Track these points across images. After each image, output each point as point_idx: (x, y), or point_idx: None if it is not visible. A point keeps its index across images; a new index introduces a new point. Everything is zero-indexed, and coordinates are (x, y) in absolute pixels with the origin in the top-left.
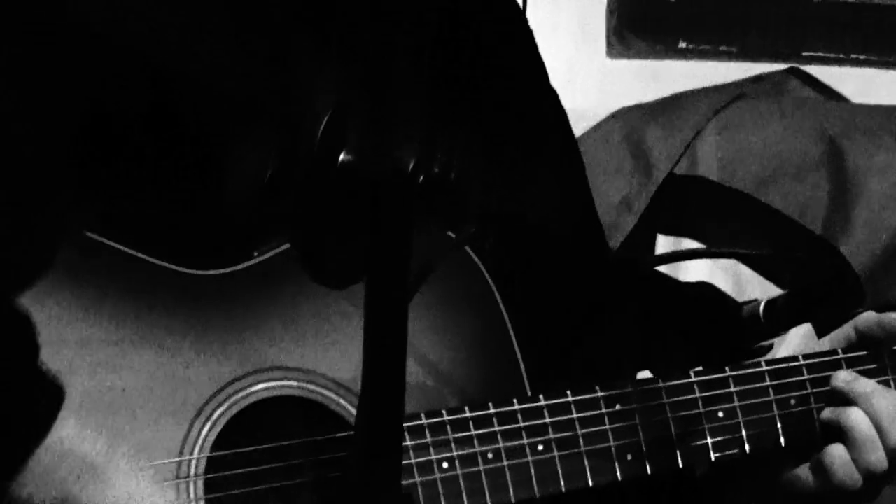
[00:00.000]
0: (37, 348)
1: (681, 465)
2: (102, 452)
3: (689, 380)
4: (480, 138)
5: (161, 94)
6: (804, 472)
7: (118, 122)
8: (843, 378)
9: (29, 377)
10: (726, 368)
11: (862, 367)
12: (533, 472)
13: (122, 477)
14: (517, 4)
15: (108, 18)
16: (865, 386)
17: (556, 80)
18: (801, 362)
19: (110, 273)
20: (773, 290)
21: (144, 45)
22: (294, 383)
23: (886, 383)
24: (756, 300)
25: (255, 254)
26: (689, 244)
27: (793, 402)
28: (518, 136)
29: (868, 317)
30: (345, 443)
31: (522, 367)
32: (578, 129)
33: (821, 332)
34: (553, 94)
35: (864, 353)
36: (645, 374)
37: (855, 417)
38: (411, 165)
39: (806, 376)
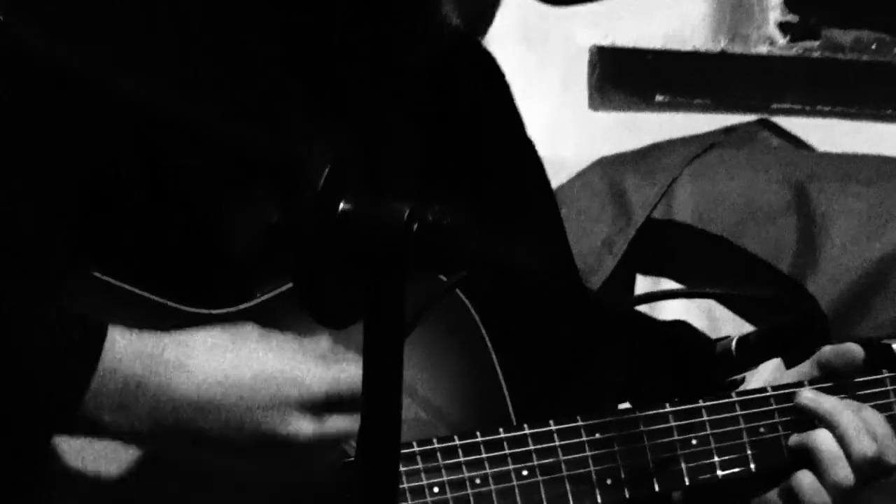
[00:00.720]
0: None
1: (657, 490)
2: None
3: (665, 410)
4: (469, 193)
5: (157, 152)
6: (774, 497)
7: (117, 180)
8: (807, 396)
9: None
10: (699, 400)
11: None
12: (518, 496)
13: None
14: (501, 71)
15: (101, 79)
16: (829, 402)
17: (541, 131)
18: (770, 393)
19: (116, 309)
20: (746, 327)
21: (138, 103)
22: None
23: None
24: (729, 337)
25: (258, 294)
26: (667, 284)
27: (762, 430)
28: (501, 192)
29: (826, 349)
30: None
31: (508, 399)
32: (563, 176)
33: (789, 364)
34: (532, 147)
35: (830, 384)
36: (625, 406)
37: (820, 438)
38: (406, 214)
39: (774, 406)
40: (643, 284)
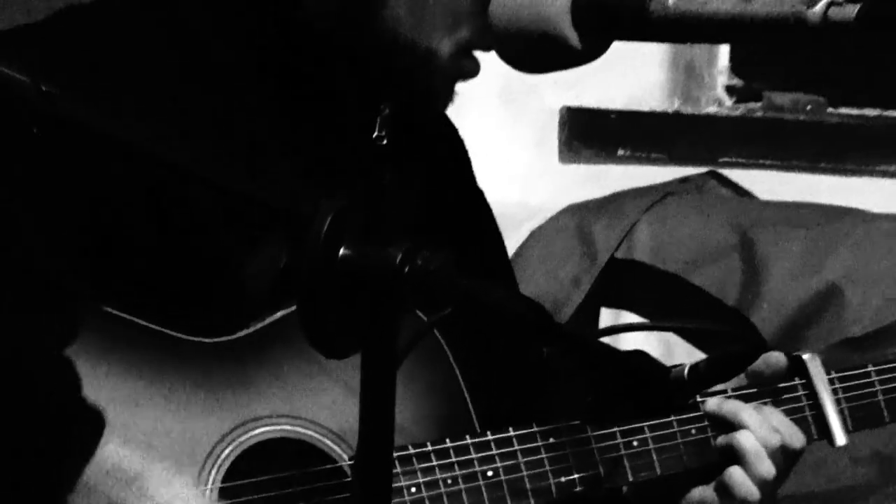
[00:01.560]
0: (79, 382)
1: (605, 486)
2: (139, 467)
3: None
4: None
5: (180, 205)
6: (709, 492)
7: (136, 224)
8: (711, 403)
9: (73, 405)
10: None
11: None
12: (485, 493)
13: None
14: (458, 132)
15: (125, 141)
16: (728, 404)
17: (517, 180)
18: (699, 399)
19: (126, 341)
20: (697, 355)
21: (159, 161)
22: (287, 427)
23: None
24: (682, 365)
25: (250, 324)
26: (628, 317)
27: (693, 431)
28: (461, 236)
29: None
30: (332, 474)
31: (473, 413)
32: (536, 221)
33: None
34: (483, 197)
35: (753, 390)
36: None
37: (743, 437)
38: (398, 259)
39: (703, 411)
40: (607, 317)
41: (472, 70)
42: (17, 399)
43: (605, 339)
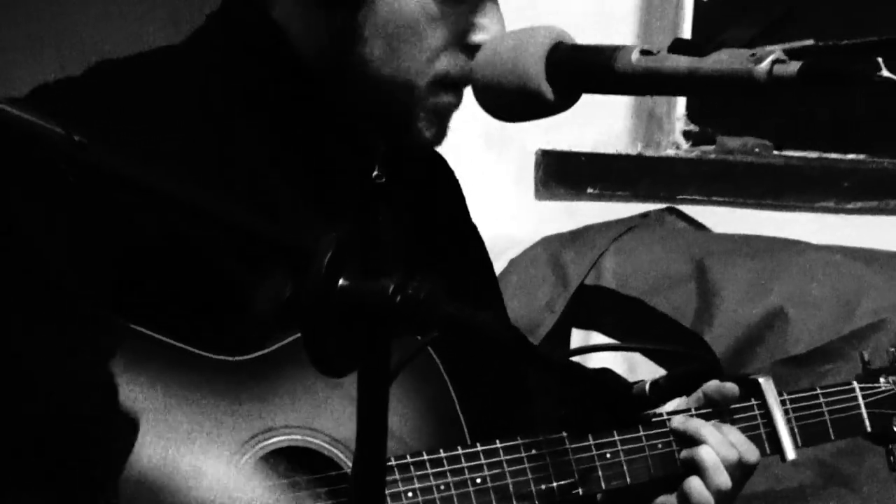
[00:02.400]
0: (116, 391)
1: (581, 493)
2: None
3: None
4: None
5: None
6: (672, 499)
7: (152, 262)
8: (676, 421)
9: (111, 412)
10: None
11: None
12: (474, 499)
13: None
14: (453, 172)
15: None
16: (692, 423)
17: (497, 215)
18: (665, 417)
19: (156, 356)
20: (659, 371)
21: (180, 204)
22: (298, 437)
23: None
24: (644, 381)
25: (268, 345)
26: (596, 337)
27: (660, 445)
28: (454, 267)
29: (713, 384)
30: (338, 479)
31: (464, 425)
32: (514, 251)
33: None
34: (476, 231)
35: (710, 410)
36: (562, 435)
37: (704, 452)
38: (391, 289)
39: (669, 427)
40: (577, 337)
41: (451, 102)
42: (61, 408)
43: (576, 358)
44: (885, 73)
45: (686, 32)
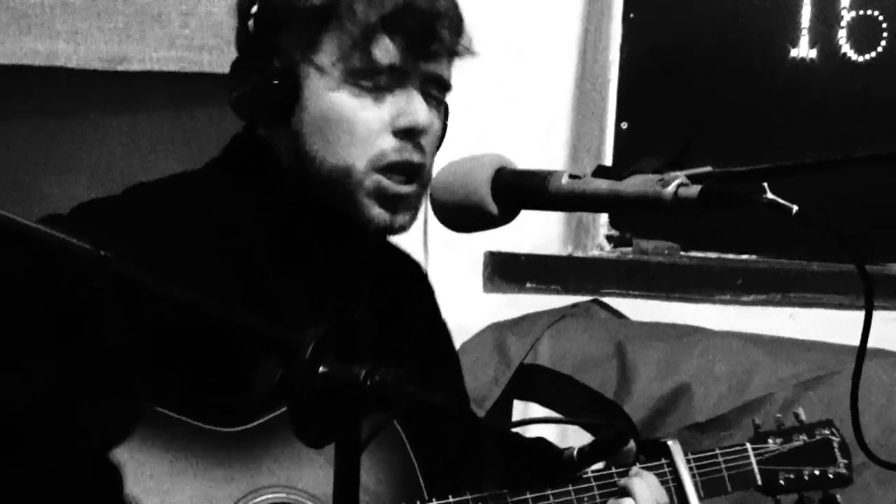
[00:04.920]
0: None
1: None
2: None
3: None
4: (404, 356)
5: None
6: None
7: (166, 354)
8: (621, 481)
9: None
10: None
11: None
12: None
13: None
14: (426, 275)
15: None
16: (628, 480)
17: (452, 306)
18: (590, 475)
19: (167, 429)
20: (586, 437)
21: (187, 306)
22: (283, 494)
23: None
24: (572, 447)
25: (256, 419)
26: (534, 408)
27: (585, 499)
28: (424, 356)
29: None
30: None
31: (423, 484)
32: (465, 335)
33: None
34: (445, 327)
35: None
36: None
37: (626, 502)
38: (363, 374)
39: (594, 483)
40: (518, 408)
41: (391, 185)
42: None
43: (516, 429)
44: (770, 195)
45: (608, 159)
